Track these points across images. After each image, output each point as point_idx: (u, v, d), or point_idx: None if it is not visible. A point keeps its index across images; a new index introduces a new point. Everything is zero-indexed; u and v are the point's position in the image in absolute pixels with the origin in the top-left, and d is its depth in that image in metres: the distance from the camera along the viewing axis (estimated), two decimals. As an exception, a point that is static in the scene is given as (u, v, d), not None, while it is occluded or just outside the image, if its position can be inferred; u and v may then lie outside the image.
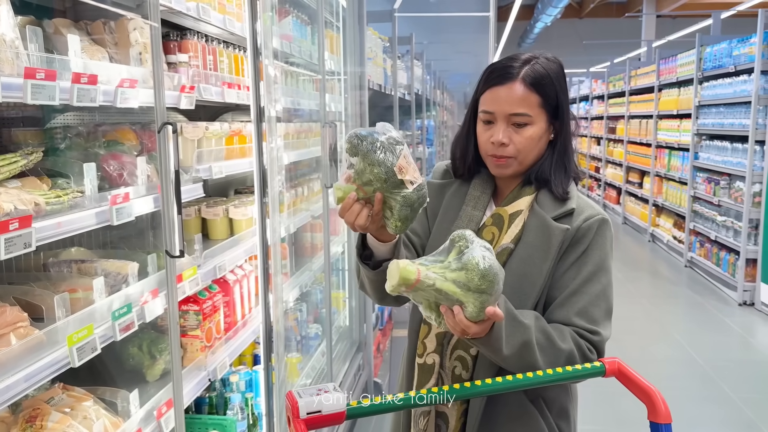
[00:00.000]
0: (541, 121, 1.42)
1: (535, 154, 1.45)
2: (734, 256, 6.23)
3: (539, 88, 1.40)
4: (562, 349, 1.32)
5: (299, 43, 3.16)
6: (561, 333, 1.35)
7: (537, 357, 1.30)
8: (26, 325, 1.47)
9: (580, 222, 1.40)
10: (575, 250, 1.40)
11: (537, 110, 1.41)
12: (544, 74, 1.41)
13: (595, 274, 1.39)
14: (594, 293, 1.38)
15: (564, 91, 1.45)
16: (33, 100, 1.34)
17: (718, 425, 3.71)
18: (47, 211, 1.49)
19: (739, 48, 6.22)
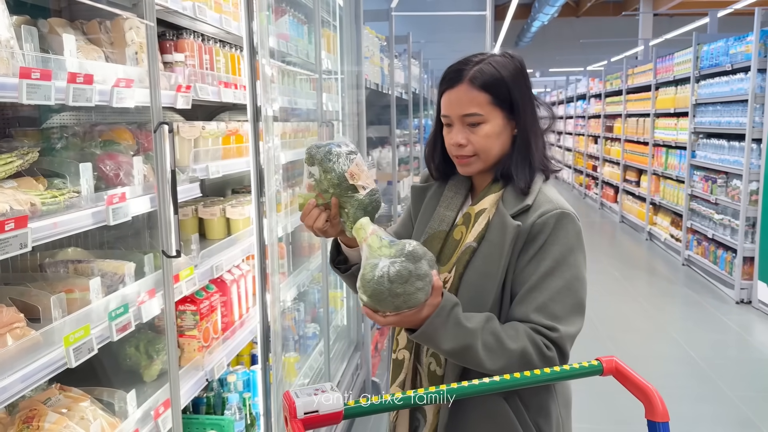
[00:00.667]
0: (496, 118, 1.45)
1: (497, 150, 1.48)
2: (731, 254, 6.24)
3: (487, 87, 1.44)
4: (512, 349, 1.32)
5: (296, 42, 3.16)
6: (515, 332, 1.35)
7: (482, 359, 1.32)
8: (22, 325, 1.46)
9: (535, 218, 1.40)
10: (532, 246, 1.40)
11: (488, 108, 1.44)
12: (493, 72, 1.44)
13: (555, 269, 1.38)
14: (554, 288, 1.38)
15: (520, 87, 1.46)
16: (28, 100, 1.33)
17: (716, 423, 3.72)
18: (43, 211, 1.48)
19: (736, 46, 6.23)
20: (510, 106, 1.46)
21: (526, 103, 1.47)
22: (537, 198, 1.44)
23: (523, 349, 1.33)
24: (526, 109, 1.47)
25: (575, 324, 1.39)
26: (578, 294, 1.40)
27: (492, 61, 1.46)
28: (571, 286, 1.39)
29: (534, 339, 1.34)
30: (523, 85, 1.47)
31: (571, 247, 1.40)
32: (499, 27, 16.28)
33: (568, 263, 1.39)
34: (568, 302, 1.38)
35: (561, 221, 1.40)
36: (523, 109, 1.46)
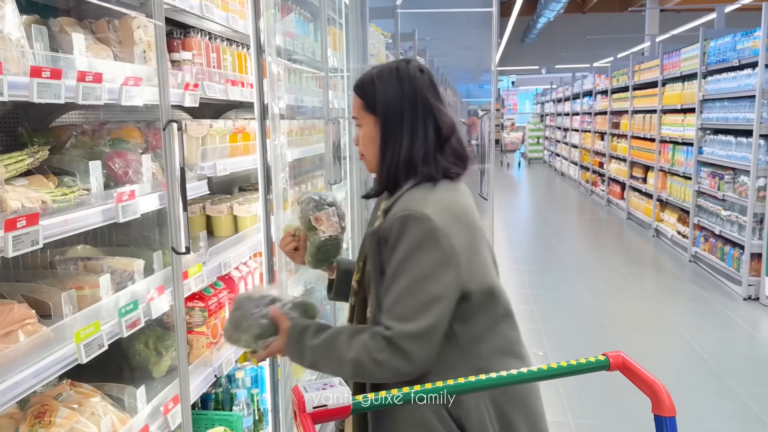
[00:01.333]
0: (369, 122, 1.56)
1: (372, 153, 1.57)
2: (739, 250, 6.21)
3: (360, 92, 1.57)
4: (348, 360, 1.41)
5: (302, 40, 3.17)
6: (349, 343, 1.43)
7: (332, 371, 1.44)
8: (34, 321, 1.48)
9: (386, 221, 1.46)
10: (385, 249, 1.45)
11: (362, 113, 1.57)
12: (367, 78, 1.56)
13: (399, 270, 1.40)
14: (398, 289, 1.40)
15: (388, 92, 1.52)
16: (39, 99, 1.35)
17: (723, 419, 3.71)
18: (54, 208, 1.50)
19: (743, 42, 6.19)
20: (386, 113, 1.53)
21: (391, 110, 1.52)
22: (398, 201, 1.48)
23: (356, 359, 1.41)
24: (388, 117, 1.52)
25: (419, 322, 1.38)
26: (423, 292, 1.39)
27: (378, 68, 1.57)
28: (414, 285, 1.39)
29: (367, 347, 1.40)
30: (395, 92, 1.52)
31: (415, 246, 1.40)
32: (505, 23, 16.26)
33: (411, 263, 1.40)
34: (411, 302, 1.39)
35: (404, 223, 1.42)
36: (385, 116, 1.52)
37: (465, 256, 1.43)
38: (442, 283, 1.40)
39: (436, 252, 1.40)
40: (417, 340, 1.38)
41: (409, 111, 1.52)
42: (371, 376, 1.42)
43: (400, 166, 1.52)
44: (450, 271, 1.41)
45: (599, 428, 3.58)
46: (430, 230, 1.40)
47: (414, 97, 1.52)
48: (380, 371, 1.39)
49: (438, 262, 1.40)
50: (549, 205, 12.64)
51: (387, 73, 1.54)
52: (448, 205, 1.46)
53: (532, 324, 5.30)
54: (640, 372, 1.26)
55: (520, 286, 6.44)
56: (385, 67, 1.56)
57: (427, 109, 1.53)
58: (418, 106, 1.52)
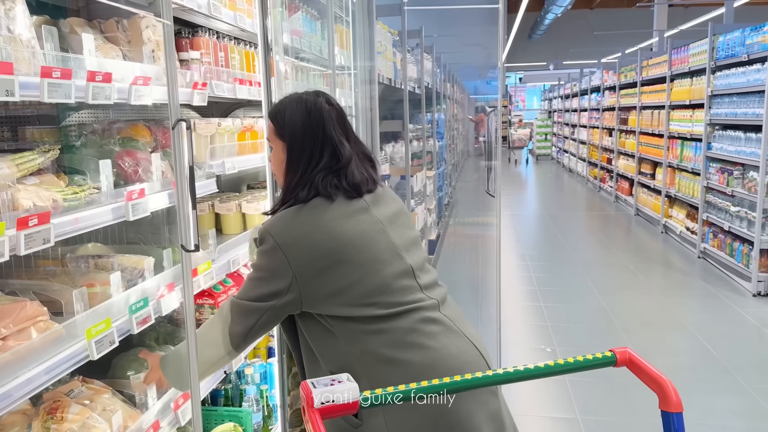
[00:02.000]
0: (278, 146, 1.71)
1: (280, 173, 1.72)
2: (748, 246, 6.18)
3: (272, 117, 1.72)
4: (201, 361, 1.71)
5: (309, 38, 3.18)
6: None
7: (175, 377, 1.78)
8: (46, 319, 1.50)
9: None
10: None
11: (273, 137, 1.71)
12: (279, 107, 1.71)
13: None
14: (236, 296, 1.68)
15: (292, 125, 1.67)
16: (49, 99, 1.37)
17: (732, 415, 3.70)
18: (65, 207, 1.52)
19: (752, 36, 6.16)
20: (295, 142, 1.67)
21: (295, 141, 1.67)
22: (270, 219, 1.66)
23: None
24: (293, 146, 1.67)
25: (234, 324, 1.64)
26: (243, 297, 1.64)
27: (290, 97, 1.72)
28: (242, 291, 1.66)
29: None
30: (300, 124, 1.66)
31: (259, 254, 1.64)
32: (512, 19, 16.20)
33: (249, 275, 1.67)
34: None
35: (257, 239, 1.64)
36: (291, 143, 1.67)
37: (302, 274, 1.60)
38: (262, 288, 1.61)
39: (266, 262, 1.62)
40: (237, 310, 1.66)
41: (310, 140, 1.66)
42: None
43: (291, 188, 1.68)
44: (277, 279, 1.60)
45: (607, 424, 3.58)
46: (269, 249, 1.60)
47: (316, 128, 1.67)
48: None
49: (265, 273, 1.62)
50: (557, 201, 12.61)
51: (294, 104, 1.69)
52: (297, 224, 1.62)
53: (540, 320, 5.30)
54: (647, 368, 1.26)
55: (528, 282, 6.44)
56: (296, 97, 1.71)
57: (327, 139, 1.67)
58: (318, 136, 1.66)
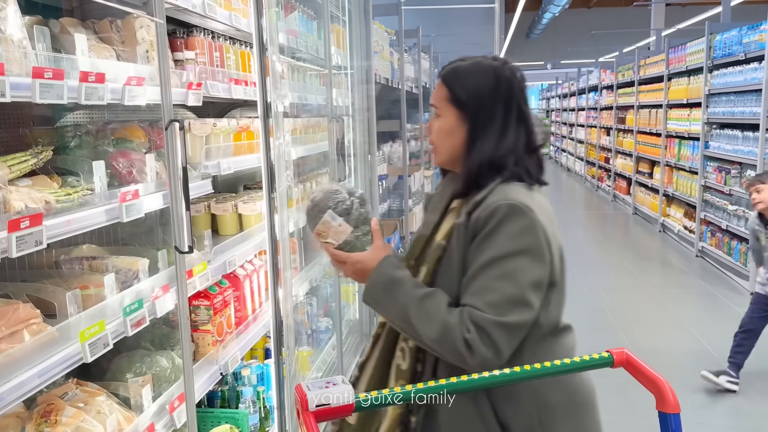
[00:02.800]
0: (449, 115, 1.50)
1: (448, 147, 1.52)
2: (745, 245, 6.18)
3: (448, 82, 1.51)
4: (439, 319, 1.35)
5: (305, 38, 3.17)
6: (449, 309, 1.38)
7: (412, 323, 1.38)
8: (39, 321, 1.49)
9: (479, 212, 1.41)
10: (476, 239, 1.40)
11: (444, 103, 1.51)
12: (460, 71, 1.51)
13: (495, 259, 1.36)
14: (491, 277, 1.35)
15: (482, 90, 1.47)
16: (41, 100, 1.35)
17: (729, 415, 3.70)
18: (58, 209, 1.50)
19: (749, 35, 6.15)
20: (467, 108, 1.49)
21: (483, 109, 1.48)
22: (490, 194, 1.43)
23: (449, 324, 1.34)
24: (479, 114, 1.48)
25: (509, 315, 1.33)
26: (518, 286, 1.35)
27: (471, 63, 1.51)
28: (510, 276, 1.35)
29: (461, 316, 1.34)
30: (497, 93, 1.48)
31: (516, 235, 1.37)
32: (510, 19, 16.20)
33: (509, 254, 1.36)
34: (504, 292, 1.34)
35: (498, 212, 1.38)
36: (475, 112, 1.48)
37: (555, 256, 1.43)
38: (536, 275, 1.37)
39: (536, 244, 1.38)
40: (502, 330, 1.33)
41: (503, 112, 1.48)
42: (451, 351, 1.34)
43: (484, 165, 1.47)
44: (544, 265, 1.39)
45: (606, 423, 3.57)
46: (530, 224, 1.38)
47: (509, 99, 1.48)
48: (465, 352, 1.32)
49: (536, 255, 1.38)
50: (555, 200, 12.61)
51: (483, 69, 1.49)
52: (543, 206, 1.45)
53: (538, 320, 5.29)
54: (644, 369, 1.26)
55: (526, 282, 6.43)
56: (479, 62, 1.51)
57: (521, 114, 1.50)
58: (512, 108, 1.49)
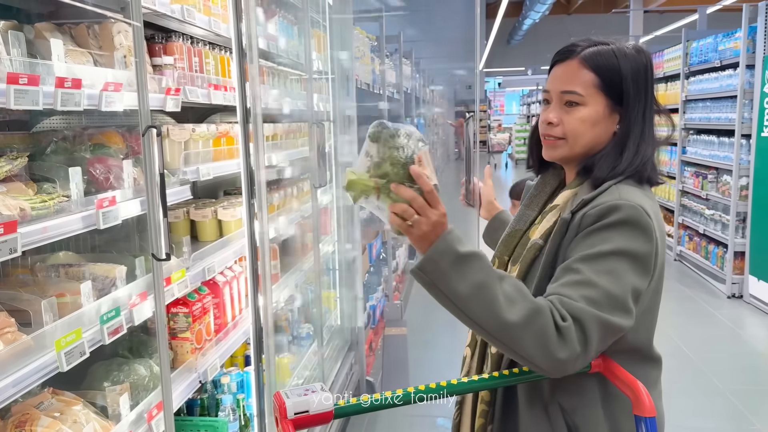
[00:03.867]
0: (597, 104, 1.33)
1: (589, 139, 1.35)
2: (722, 249, 6.27)
3: (598, 68, 1.33)
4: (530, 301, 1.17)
5: (286, 43, 3.16)
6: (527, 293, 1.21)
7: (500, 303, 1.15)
8: (13, 330, 1.47)
9: (588, 209, 1.28)
10: (580, 234, 1.27)
11: (591, 90, 1.33)
12: (609, 55, 1.33)
13: (600, 254, 1.22)
14: (593, 271, 1.21)
15: (637, 81, 1.34)
16: (16, 106, 1.34)
17: (707, 416, 3.74)
18: (33, 216, 1.49)
19: (725, 43, 6.26)
20: (619, 97, 1.34)
21: (638, 100, 1.35)
22: (603, 193, 1.30)
23: (540, 306, 1.16)
24: (635, 105, 1.34)
25: (609, 315, 1.19)
26: (621, 286, 1.21)
27: (616, 47, 1.35)
28: (615, 274, 1.21)
29: (552, 303, 1.18)
30: (642, 81, 1.35)
31: (627, 239, 1.23)
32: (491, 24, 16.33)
33: (616, 252, 1.22)
34: (607, 289, 1.20)
35: (612, 212, 1.25)
36: (633, 104, 1.34)
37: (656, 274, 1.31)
38: (638, 284, 1.24)
39: (646, 254, 1.25)
40: (600, 326, 1.18)
41: (650, 104, 1.36)
42: (537, 337, 1.14)
43: (623, 164, 1.32)
44: (645, 279, 1.26)
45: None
46: (650, 230, 1.26)
47: (651, 90, 1.36)
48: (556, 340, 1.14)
49: (643, 265, 1.25)
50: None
51: (629, 55, 1.34)
52: (658, 215, 1.33)
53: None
54: (621, 373, 1.27)
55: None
56: (623, 48, 1.35)
57: (654, 107, 1.38)
58: (650, 100, 1.37)
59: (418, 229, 1.16)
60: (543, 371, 1.19)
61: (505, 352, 1.21)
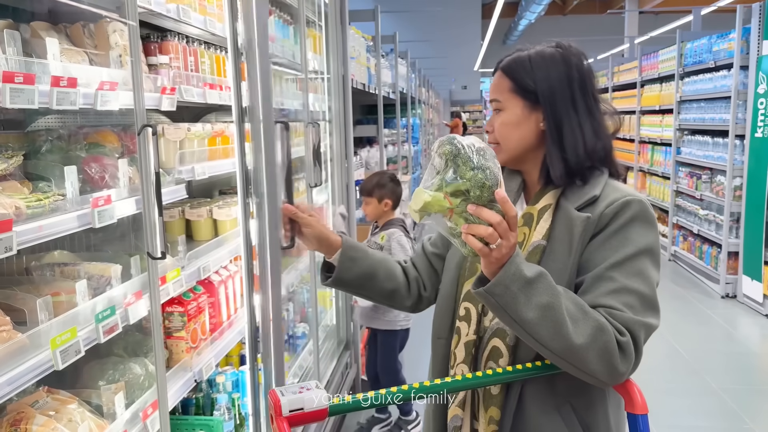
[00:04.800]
0: (514, 106, 1.40)
1: (515, 140, 1.41)
2: (716, 249, 6.30)
3: (510, 73, 1.41)
4: (594, 318, 1.21)
5: (281, 42, 3.16)
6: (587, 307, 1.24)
7: (567, 323, 1.19)
8: (9, 328, 1.47)
9: (603, 207, 1.32)
10: (601, 236, 1.31)
11: (507, 95, 1.41)
12: (522, 60, 1.41)
13: (627, 257, 1.28)
14: (625, 276, 1.26)
15: (552, 77, 1.38)
16: (11, 105, 1.34)
17: (701, 416, 3.76)
18: (28, 214, 1.49)
19: (719, 44, 6.29)
20: (535, 97, 1.39)
21: (563, 95, 1.38)
22: (604, 189, 1.36)
23: (602, 323, 1.21)
24: (557, 101, 1.38)
25: (647, 317, 1.26)
26: (649, 286, 1.28)
27: (534, 51, 1.42)
28: (641, 275, 1.28)
29: (608, 318, 1.23)
30: (565, 77, 1.39)
31: (642, 234, 1.30)
32: (486, 25, 16.36)
33: (639, 253, 1.29)
34: (641, 292, 1.26)
35: (627, 208, 1.31)
36: (552, 101, 1.38)
37: None
38: (656, 277, 1.32)
39: (657, 245, 1.33)
40: (646, 330, 1.25)
41: (582, 98, 1.39)
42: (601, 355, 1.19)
43: (582, 157, 1.37)
44: (659, 269, 1.34)
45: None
46: (653, 219, 1.34)
47: (584, 84, 1.40)
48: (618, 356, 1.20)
49: (656, 257, 1.33)
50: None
51: (548, 55, 1.40)
52: None
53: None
54: (613, 371, 1.28)
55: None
56: (542, 49, 1.42)
57: (596, 101, 1.42)
58: (589, 94, 1.40)
59: (498, 252, 1.17)
60: (600, 383, 1.25)
61: (565, 368, 1.25)
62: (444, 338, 1.49)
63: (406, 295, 1.65)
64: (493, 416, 1.36)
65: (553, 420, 1.35)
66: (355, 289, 1.64)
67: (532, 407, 1.35)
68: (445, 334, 1.48)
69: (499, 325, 1.36)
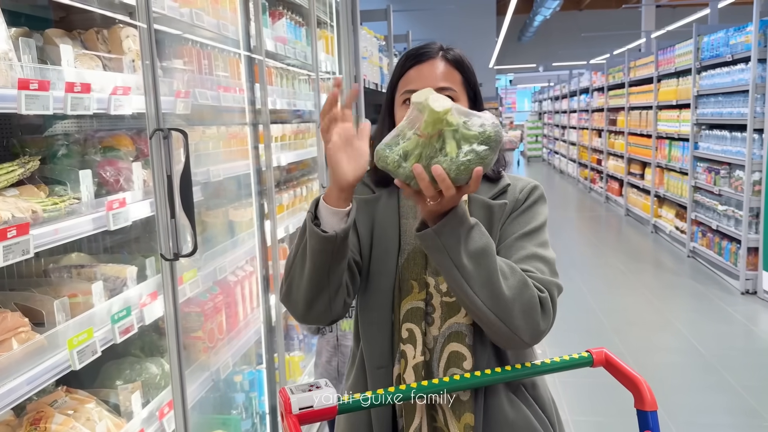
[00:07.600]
0: (464, 100, 1.41)
1: None
2: (736, 245, 6.22)
3: (459, 66, 1.41)
4: (519, 272, 1.26)
5: (293, 44, 3.19)
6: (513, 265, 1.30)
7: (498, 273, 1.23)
8: (27, 329, 1.50)
9: (516, 193, 1.44)
10: (514, 214, 1.41)
11: (460, 87, 1.40)
12: (463, 57, 1.43)
13: (535, 229, 1.39)
14: (535, 244, 1.36)
15: (475, 80, 1.46)
16: (27, 111, 1.37)
17: (720, 413, 3.72)
18: (45, 218, 1.52)
19: (736, 37, 6.21)
20: (474, 94, 1.44)
21: (479, 96, 1.47)
22: (511, 179, 1.48)
23: (526, 279, 1.26)
24: (478, 102, 1.45)
25: (557, 278, 1.35)
26: (552, 253, 1.39)
27: (458, 49, 1.45)
28: (547, 245, 1.39)
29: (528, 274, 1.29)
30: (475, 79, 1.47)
31: (544, 213, 1.44)
32: (501, 22, 16.27)
33: (543, 226, 1.42)
34: (549, 257, 1.36)
35: (540, 191, 1.46)
36: (479, 102, 1.45)
37: None
38: None
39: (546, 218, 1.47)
40: (558, 291, 1.33)
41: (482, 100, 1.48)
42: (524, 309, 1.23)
43: None
44: None
45: (598, 424, 3.59)
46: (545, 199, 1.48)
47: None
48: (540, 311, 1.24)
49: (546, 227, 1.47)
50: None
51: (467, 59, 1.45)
52: None
53: (531, 322, 5.31)
54: (623, 368, 1.28)
55: (519, 284, 6.45)
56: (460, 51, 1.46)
57: None
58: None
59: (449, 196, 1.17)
60: (520, 343, 1.26)
61: (488, 326, 1.25)
62: (385, 367, 1.39)
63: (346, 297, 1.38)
64: (468, 423, 1.34)
65: (518, 410, 1.37)
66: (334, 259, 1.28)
67: (496, 400, 1.36)
68: (386, 362, 1.39)
69: (451, 329, 1.35)
